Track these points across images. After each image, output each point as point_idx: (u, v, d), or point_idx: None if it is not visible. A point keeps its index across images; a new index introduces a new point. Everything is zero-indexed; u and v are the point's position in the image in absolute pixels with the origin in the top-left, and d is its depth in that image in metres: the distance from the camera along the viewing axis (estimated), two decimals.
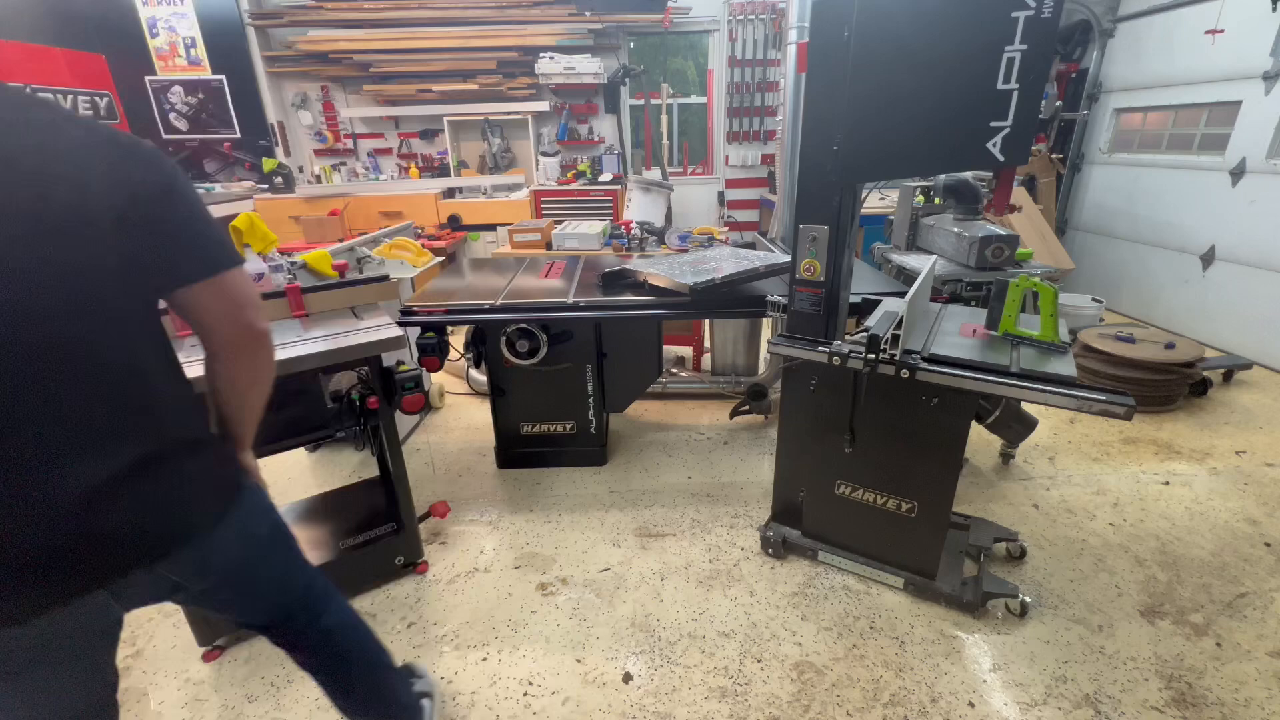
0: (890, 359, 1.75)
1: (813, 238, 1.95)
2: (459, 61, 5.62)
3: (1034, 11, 1.49)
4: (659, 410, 3.53)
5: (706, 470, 2.90)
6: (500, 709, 1.73)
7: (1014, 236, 2.55)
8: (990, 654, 1.87)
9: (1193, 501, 2.57)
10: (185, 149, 6.04)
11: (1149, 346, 3.29)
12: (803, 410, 2.11)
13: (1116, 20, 5.02)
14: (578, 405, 2.83)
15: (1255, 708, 1.68)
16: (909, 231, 3.07)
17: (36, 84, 4.91)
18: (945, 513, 1.95)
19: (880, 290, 2.42)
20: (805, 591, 2.13)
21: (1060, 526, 2.43)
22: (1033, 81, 1.54)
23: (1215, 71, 4.15)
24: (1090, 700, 1.71)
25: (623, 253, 3.77)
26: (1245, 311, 4.03)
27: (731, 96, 5.92)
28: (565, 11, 5.50)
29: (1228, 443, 3.01)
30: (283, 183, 5.76)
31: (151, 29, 5.66)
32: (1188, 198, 4.42)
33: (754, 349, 3.60)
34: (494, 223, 5.38)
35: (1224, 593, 2.09)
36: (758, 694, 1.76)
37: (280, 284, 2.12)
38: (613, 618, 2.05)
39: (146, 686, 1.83)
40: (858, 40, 1.65)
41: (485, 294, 2.60)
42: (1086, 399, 1.55)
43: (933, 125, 1.67)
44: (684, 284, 2.33)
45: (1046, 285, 1.81)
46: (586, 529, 2.49)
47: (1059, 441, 3.06)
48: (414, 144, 6.19)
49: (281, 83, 6.01)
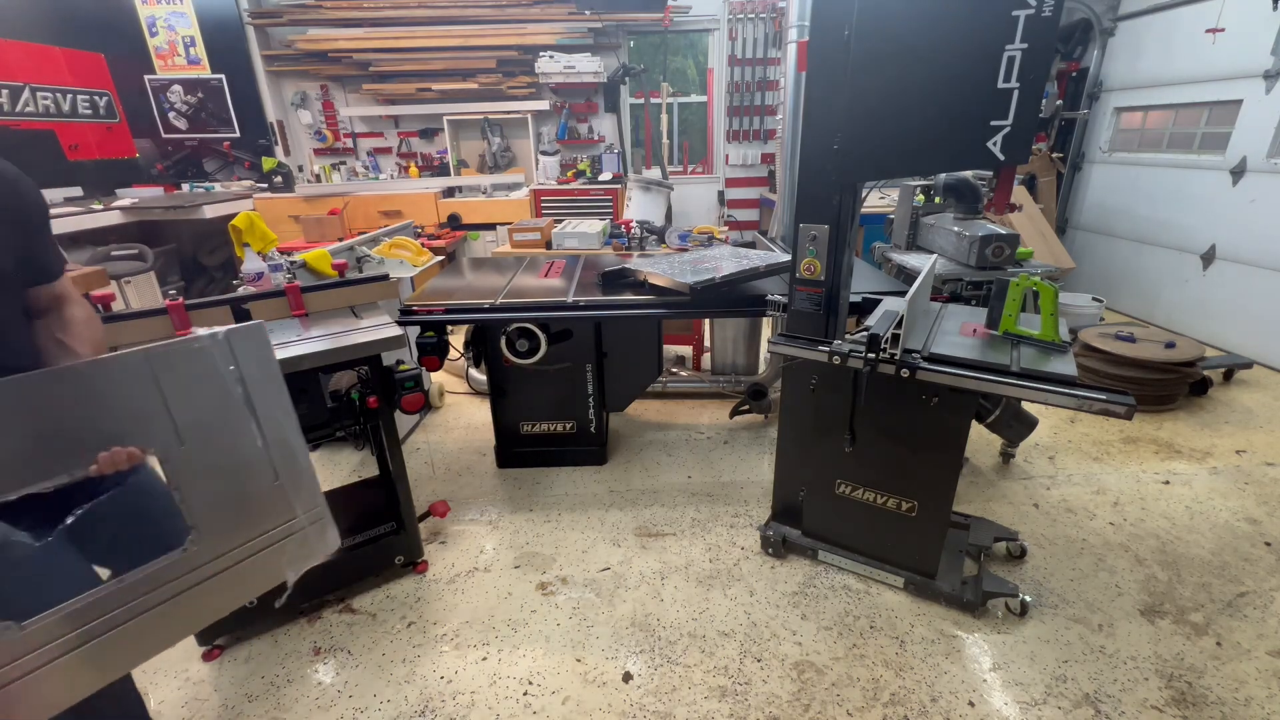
0: (890, 358, 1.75)
1: (813, 237, 1.94)
2: (459, 60, 5.62)
3: (1034, 10, 1.49)
4: (659, 410, 3.53)
5: (706, 470, 2.90)
6: (500, 709, 1.73)
7: (1014, 236, 2.55)
8: (990, 653, 1.87)
9: (1193, 501, 2.57)
10: (184, 148, 6.04)
11: (1149, 346, 3.29)
12: (803, 410, 2.11)
13: (1117, 19, 5.02)
14: (578, 405, 2.83)
15: (1255, 707, 1.68)
16: (909, 231, 3.06)
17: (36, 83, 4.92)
18: (945, 512, 1.95)
19: (880, 289, 2.42)
20: (805, 591, 2.13)
21: (1060, 526, 2.43)
22: (1033, 80, 1.54)
23: (1216, 70, 4.15)
24: (1090, 699, 1.71)
25: (622, 252, 3.76)
26: (1245, 310, 4.02)
27: (731, 95, 5.92)
28: (565, 10, 5.50)
29: (1228, 442, 3.01)
30: (282, 182, 5.76)
31: (151, 28, 5.65)
32: (1188, 197, 4.41)
33: (754, 348, 3.60)
34: (494, 222, 5.38)
35: (1224, 592, 2.09)
36: (758, 693, 1.76)
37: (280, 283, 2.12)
38: (613, 617, 2.05)
39: (146, 686, 1.83)
40: (858, 39, 1.65)
41: (485, 293, 2.60)
42: (1087, 398, 1.55)
43: (933, 124, 1.67)
44: (684, 283, 2.32)
45: (1047, 284, 1.81)
46: (586, 528, 2.49)
47: (1059, 441, 3.06)
48: (413, 143, 6.19)
49: (281, 82, 6.01)
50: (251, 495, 1.27)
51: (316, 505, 1.36)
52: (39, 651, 1.01)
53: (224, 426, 1.22)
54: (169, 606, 1.16)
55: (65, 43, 5.17)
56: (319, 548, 1.37)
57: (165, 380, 1.13)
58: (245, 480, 1.26)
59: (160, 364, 1.12)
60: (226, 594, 1.25)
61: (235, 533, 1.24)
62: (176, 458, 1.16)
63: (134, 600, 1.12)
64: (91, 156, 5.43)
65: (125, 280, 3.99)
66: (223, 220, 4.40)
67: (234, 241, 3.79)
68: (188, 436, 1.17)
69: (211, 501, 1.21)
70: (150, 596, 1.14)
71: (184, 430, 1.16)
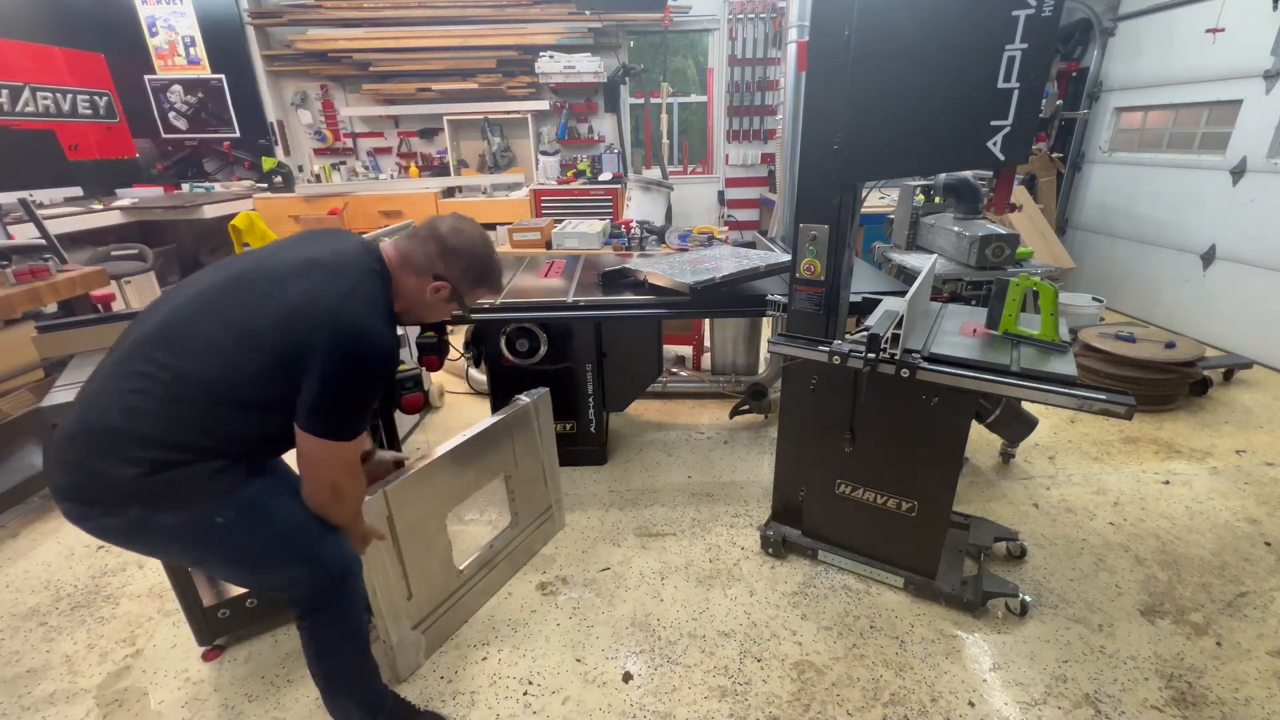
0: (890, 358, 1.75)
1: (813, 237, 1.94)
2: (458, 60, 5.61)
3: (1034, 10, 1.49)
4: (659, 410, 3.53)
5: (706, 470, 2.90)
6: (500, 709, 1.73)
7: (1014, 235, 2.54)
8: (990, 653, 1.87)
9: (1193, 501, 2.57)
10: (184, 148, 6.04)
11: (1149, 346, 3.29)
12: (803, 410, 2.11)
13: (1117, 19, 5.01)
14: (578, 405, 2.83)
15: (1255, 707, 1.68)
16: (909, 231, 3.06)
17: (36, 83, 4.92)
18: (945, 512, 1.95)
19: (880, 289, 2.42)
20: (805, 591, 2.13)
21: (1060, 526, 2.43)
22: (1033, 80, 1.54)
23: (1216, 70, 4.15)
24: (1090, 699, 1.71)
25: (622, 252, 3.76)
26: (1246, 310, 4.02)
27: (731, 95, 5.92)
28: (565, 10, 5.50)
29: (1228, 442, 3.01)
30: (282, 182, 5.76)
31: (151, 28, 5.65)
32: (1188, 197, 4.41)
33: (754, 348, 3.60)
34: (493, 222, 5.36)
35: (1224, 592, 2.09)
36: (758, 693, 1.76)
37: None
38: (613, 617, 2.05)
39: (146, 686, 1.83)
40: (858, 39, 1.65)
41: None
42: (1087, 398, 1.55)
43: (933, 124, 1.67)
44: (684, 283, 2.32)
45: (1047, 284, 1.81)
46: (586, 528, 2.49)
47: (1059, 441, 3.06)
48: (413, 143, 6.19)
49: (281, 82, 6.00)
50: (537, 494, 2.34)
51: (560, 497, 2.48)
52: (474, 576, 2.08)
53: (531, 454, 2.26)
54: (509, 557, 2.23)
55: (65, 43, 5.17)
56: (559, 524, 2.48)
57: (516, 429, 2.17)
58: (534, 485, 2.32)
59: (515, 421, 2.16)
60: (525, 551, 2.32)
61: (530, 515, 2.32)
62: (515, 475, 2.20)
63: (499, 551, 2.17)
64: (91, 156, 5.43)
65: (125, 280, 3.99)
66: (223, 220, 4.40)
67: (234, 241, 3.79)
68: (519, 462, 2.20)
69: (524, 496, 2.26)
70: (504, 550, 2.20)
71: (518, 458, 2.19)
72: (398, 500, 1.72)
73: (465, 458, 1.97)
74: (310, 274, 1.27)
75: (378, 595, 1.68)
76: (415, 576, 1.81)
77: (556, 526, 2.45)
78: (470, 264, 1.44)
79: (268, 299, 1.23)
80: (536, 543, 2.35)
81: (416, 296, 1.43)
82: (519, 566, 2.27)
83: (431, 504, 1.86)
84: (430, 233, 1.42)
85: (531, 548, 2.33)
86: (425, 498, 1.83)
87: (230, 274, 1.29)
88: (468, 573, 2.03)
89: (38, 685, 1.85)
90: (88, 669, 1.90)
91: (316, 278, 1.26)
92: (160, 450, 1.16)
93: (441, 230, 1.42)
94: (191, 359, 1.19)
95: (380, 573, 1.68)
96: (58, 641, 2.01)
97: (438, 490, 1.89)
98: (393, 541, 1.72)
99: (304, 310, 1.22)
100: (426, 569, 1.86)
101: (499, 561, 2.17)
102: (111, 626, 2.06)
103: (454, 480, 1.95)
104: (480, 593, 2.10)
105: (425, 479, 1.83)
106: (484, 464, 2.05)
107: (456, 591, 1.99)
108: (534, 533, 2.33)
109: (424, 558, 1.85)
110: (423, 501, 1.82)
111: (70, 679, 1.87)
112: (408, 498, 1.76)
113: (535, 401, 2.22)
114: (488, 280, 1.51)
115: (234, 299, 1.24)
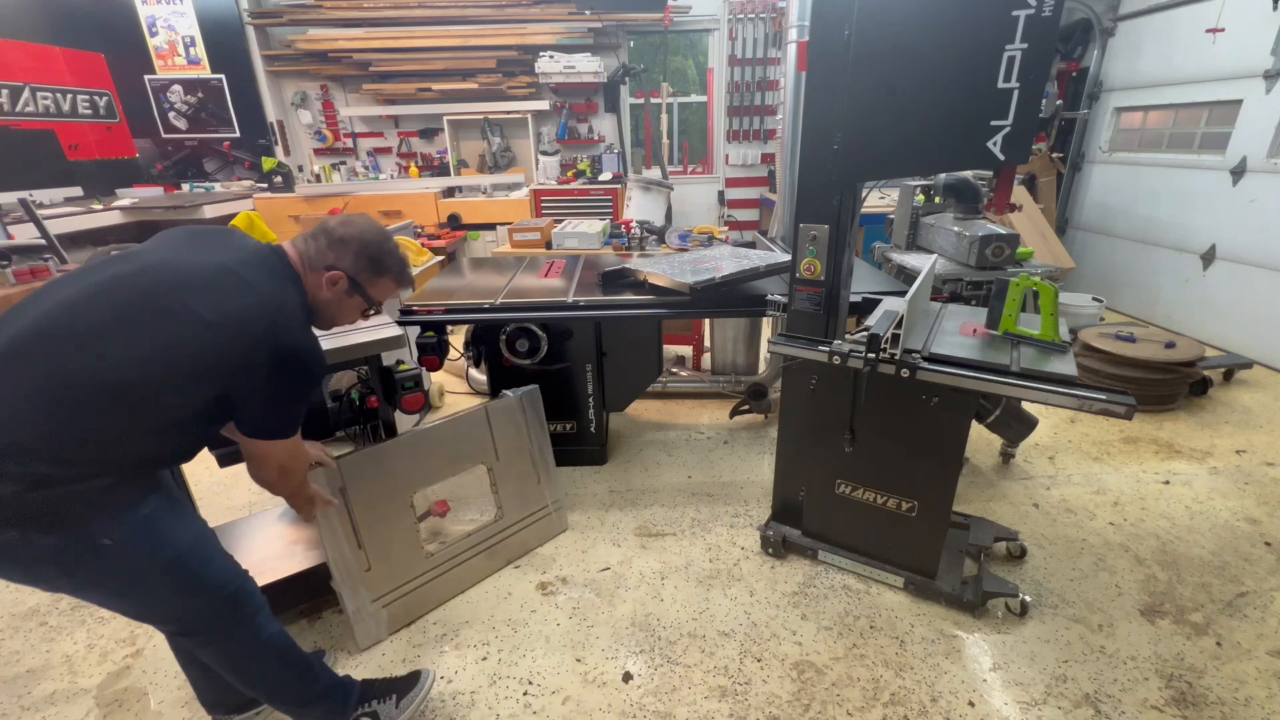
0: (890, 358, 1.75)
1: (813, 237, 1.94)
2: (458, 60, 5.61)
3: (1034, 10, 1.49)
4: (659, 410, 3.53)
5: (706, 470, 2.90)
6: (500, 709, 1.73)
7: (1014, 235, 2.55)
8: (990, 653, 1.87)
9: (1193, 501, 2.57)
10: (184, 148, 6.04)
11: (1149, 346, 3.29)
12: (803, 410, 2.11)
13: (1117, 19, 5.02)
14: (578, 404, 2.83)
15: (1255, 707, 1.68)
16: (909, 230, 3.06)
17: (36, 83, 4.92)
18: (945, 512, 1.95)
19: (880, 289, 2.42)
20: (805, 591, 2.13)
21: (1060, 526, 2.43)
22: (1033, 80, 1.54)
23: (1216, 70, 4.15)
24: (1090, 699, 1.71)
25: (622, 252, 3.77)
26: (1246, 310, 4.02)
27: (731, 95, 5.92)
28: (565, 10, 5.50)
29: (1228, 442, 3.01)
30: (282, 182, 5.76)
31: (151, 28, 5.65)
32: (1188, 197, 4.41)
33: (754, 348, 3.60)
34: (494, 222, 5.38)
35: (1224, 592, 2.09)
36: (758, 693, 1.76)
37: None
38: (613, 617, 2.05)
39: (146, 686, 1.83)
40: (858, 39, 1.65)
41: (485, 293, 2.60)
42: (1087, 398, 1.55)
43: (933, 124, 1.67)
44: (684, 283, 2.32)
45: (1047, 284, 1.81)
46: (586, 528, 2.49)
47: (1059, 441, 3.06)
48: (414, 143, 6.19)
49: (281, 82, 6.01)
50: (529, 491, 2.34)
51: (559, 497, 2.44)
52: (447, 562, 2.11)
53: (516, 449, 2.27)
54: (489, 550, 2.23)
55: (65, 43, 5.18)
56: (559, 525, 2.45)
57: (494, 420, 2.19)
58: (525, 481, 2.32)
59: (493, 412, 2.19)
60: (517, 547, 2.32)
61: (520, 511, 2.31)
62: (496, 467, 2.21)
63: (479, 543, 2.19)
64: (91, 156, 5.43)
65: None
66: (223, 220, 4.40)
67: None
68: (501, 454, 2.21)
69: (511, 491, 2.27)
70: (484, 543, 2.21)
71: (500, 450, 2.21)
72: (352, 473, 1.84)
73: (429, 443, 2.04)
74: (228, 285, 1.20)
75: (331, 560, 1.80)
76: (374, 550, 1.89)
77: (556, 527, 2.43)
78: (360, 249, 1.42)
79: (184, 309, 1.14)
80: (530, 541, 2.34)
81: (318, 294, 1.41)
82: (505, 561, 2.27)
83: (392, 482, 1.96)
84: (320, 228, 1.44)
85: (524, 545, 2.33)
86: (384, 475, 1.93)
87: (127, 270, 1.18)
88: (439, 558, 2.08)
89: (38, 685, 1.85)
90: (88, 669, 1.90)
91: (238, 290, 1.20)
92: (44, 464, 1.05)
93: (330, 224, 1.44)
94: (90, 360, 1.08)
95: (332, 538, 1.81)
96: (58, 641, 2.01)
97: (399, 469, 1.98)
98: (347, 512, 1.83)
99: (241, 327, 1.17)
100: (386, 545, 1.94)
101: (478, 553, 2.18)
102: (111, 626, 2.06)
103: (418, 463, 2.02)
104: (453, 580, 2.13)
105: (383, 456, 1.93)
106: (455, 451, 2.11)
107: (425, 574, 2.04)
108: (525, 530, 2.32)
109: (384, 533, 1.93)
110: (382, 478, 1.92)
111: (70, 679, 1.87)
112: (364, 472, 1.88)
113: (520, 397, 2.25)
114: (384, 267, 1.46)
115: (137, 302, 1.14)
